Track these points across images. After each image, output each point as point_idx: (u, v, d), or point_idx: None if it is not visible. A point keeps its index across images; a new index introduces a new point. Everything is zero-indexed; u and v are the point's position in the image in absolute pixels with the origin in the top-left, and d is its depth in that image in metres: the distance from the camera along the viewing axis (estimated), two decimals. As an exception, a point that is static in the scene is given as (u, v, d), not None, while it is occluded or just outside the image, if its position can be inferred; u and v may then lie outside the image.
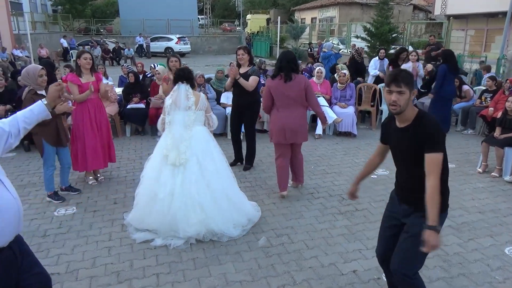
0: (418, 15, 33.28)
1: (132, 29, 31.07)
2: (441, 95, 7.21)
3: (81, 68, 4.82)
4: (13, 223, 1.94)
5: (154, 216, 3.79)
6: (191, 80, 4.02)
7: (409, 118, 2.33)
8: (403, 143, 2.37)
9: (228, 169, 4.11)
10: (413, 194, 2.37)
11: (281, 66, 4.50)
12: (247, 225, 4.00)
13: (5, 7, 21.26)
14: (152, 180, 3.88)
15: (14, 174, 5.59)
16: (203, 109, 4.02)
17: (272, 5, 43.93)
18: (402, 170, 2.50)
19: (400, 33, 16.04)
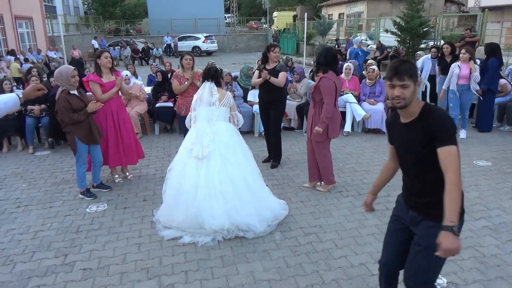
0: (450, 8, 32.19)
1: (160, 29, 31.61)
2: (491, 89, 7.07)
3: (102, 67, 4.90)
4: None
5: (181, 209, 3.84)
6: (216, 79, 4.12)
7: (414, 112, 2.11)
8: (409, 140, 2.15)
9: (252, 164, 4.12)
10: (421, 198, 2.18)
11: (328, 61, 4.52)
12: (273, 221, 3.98)
13: (40, 11, 22.04)
14: (178, 173, 3.98)
15: (49, 171, 5.78)
16: (227, 105, 4.06)
17: (298, 2, 43.55)
18: (409, 172, 2.26)
19: (431, 27, 15.54)
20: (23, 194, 5.01)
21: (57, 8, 30.10)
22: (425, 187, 2.14)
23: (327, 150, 4.80)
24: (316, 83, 4.60)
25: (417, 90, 2.11)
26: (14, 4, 18.69)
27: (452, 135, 2.03)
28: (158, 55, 23.62)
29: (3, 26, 18.02)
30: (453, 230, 1.90)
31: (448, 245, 1.89)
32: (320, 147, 4.73)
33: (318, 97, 4.57)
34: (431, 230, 2.08)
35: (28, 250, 3.70)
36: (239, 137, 4.15)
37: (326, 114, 4.49)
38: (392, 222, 2.46)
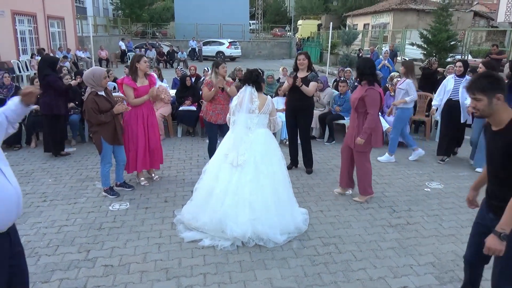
0: (478, 22, 31.64)
1: (186, 33, 32.08)
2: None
3: (139, 71, 5.00)
4: (12, 210, 2.09)
5: (208, 211, 3.89)
6: (258, 84, 4.07)
7: (502, 121, 2.24)
8: (494, 147, 2.30)
9: (285, 174, 4.10)
10: (500, 202, 2.26)
11: (373, 72, 4.62)
12: (293, 232, 3.97)
13: (71, 11, 22.70)
14: (211, 175, 4.02)
15: (74, 168, 5.93)
16: (267, 112, 4.04)
17: (324, 11, 43.58)
18: (491, 176, 2.40)
19: (459, 41, 15.29)
20: (49, 189, 5.16)
21: (88, 9, 30.93)
22: (503, 192, 2.25)
23: (368, 161, 4.82)
24: (362, 94, 4.56)
25: (495, 102, 2.22)
26: (48, 4, 19.30)
27: None
28: (182, 59, 23.95)
29: (36, 25, 18.62)
30: (500, 235, 2.13)
31: (490, 244, 2.15)
32: (362, 157, 4.76)
33: (363, 108, 4.58)
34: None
35: (52, 243, 3.81)
36: (275, 144, 4.12)
37: (370, 124, 4.53)
38: (474, 225, 2.65)
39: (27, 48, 18.05)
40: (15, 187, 2.12)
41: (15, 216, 2.13)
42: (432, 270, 3.42)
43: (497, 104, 2.23)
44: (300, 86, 5.32)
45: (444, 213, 4.59)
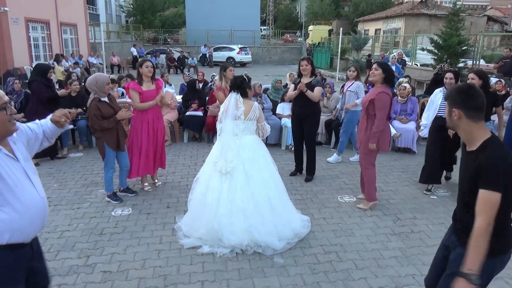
0: (492, 27, 31.23)
1: (197, 39, 32.32)
2: None
3: (143, 76, 5.04)
4: (38, 221, 2.06)
5: (203, 221, 3.86)
6: (242, 89, 4.03)
7: (474, 143, 2.07)
8: (464, 169, 2.14)
9: (277, 179, 4.08)
10: (462, 225, 2.14)
11: (389, 76, 4.55)
12: (293, 238, 3.92)
13: (84, 18, 23.08)
14: (202, 185, 4.01)
15: (80, 173, 5.98)
16: (253, 119, 4.01)
17: (335, 16, 43.52)
18: (459, 196, 2.24)
19: (470, 46, 15.09)
20: (54, 193, 5.20)
21: (101, 16, 31.41)
22: (467, 217, 2.08)
23: (372, 165, 4.77)
24: (373, 96, 4.51)
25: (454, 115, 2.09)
26: (61, 11, 19.65)
27: (497, 180, 1.92)
28: (193, 65, 24.12)
29: (49, 32, 18.96)
30: (468, 277, 1.90)
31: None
32: (366, 160, 4.72)
33: (373, 111, 4.54)
34: (460, 257, 2.05)
35: (53, 249, 3.82)
36: (264, 150, 4.09)
37: (377, 128, 4.49)
38: (440, 245, 2.45)
39: (40, 55, 18.37)
40: (42, 198, 2.09)
41: (39, 227, 2.11)
42: (435, 281, 3.33)
43: (455, 119, 2.08)
44: (305, 91, 5.28)
45: (449, 221, 4.46)
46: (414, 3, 29.82)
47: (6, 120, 1.93)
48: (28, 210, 1.97)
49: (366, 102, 4.57)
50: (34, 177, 2.08)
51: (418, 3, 29.87)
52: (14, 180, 1.93)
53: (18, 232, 1.95)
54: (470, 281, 1.89)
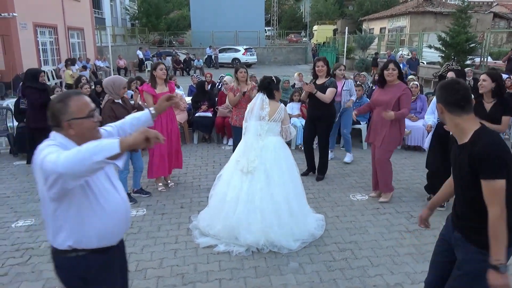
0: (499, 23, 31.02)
1: (202, 41, 32.44)
2: None
3: (157, 79, 5.10)
4: (123, 224, 2.09)
5: (221, 218, 3.91)
6: (269, 90, 4.07)
7: (465, 135, 2.06)
8: (460, 164, 2.10)
9: (297, 182, 4.09)
10: (466, 222, 2.12)
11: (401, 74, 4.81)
12: (307, 239, 3.95)
13: (90, 22, 23.27)
14: (224, 182, 4.06)
15: (93, 175, 6.04)
16: (278, 120, 4.02)
17: (339, 16, 43.46)
18: (458, 193, 2.21)
19: (478, 43, 15.02)
20: (69, 195, 5.26)
21: (106, 19, 31.63)
22: (472, 212, 2.08)
23: (389, 158, 4.93)
24: (400, 93, 4.62)
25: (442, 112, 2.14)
26: (68, 16, 19.83)
27: (498, 167, 1.93)
28: (199, 66, 24.21)
29: (57, 36, 19.14)
30: (497, 268, 1.91)
31: (494, 282, 1.92)
32: (386, 156, 4.86)
33: (396, 108, 4.64)
34: (473, 256, 2.04)
35: (71, 249, 3.88)
36: (287, 152, 4.09)
37: (402, 116, 4.66)
38: (438, 242, 2.41)
39: (48, 59, 18.55)
40: (125, 200, 2.10)
41: (125, 229, 2.14)
42: (451, 277, 3.34)
43: (440, 113, 2.16)
44: (314, 93, 5.29)
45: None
46: (419, 1, 29.69)
47: (93, 127, 1.95)
48: (114, 215, 1.99)
49: (393, 99, 4.61)
50: (116, 181, 2.09)
51: (423, 1, 29.74)
52: (100, 186, 1.95)
53: (105, 236, 1.98)
54: (501, 271, 1.91)
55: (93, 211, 1.91)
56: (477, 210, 2.03)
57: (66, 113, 1.86)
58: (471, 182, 2.02)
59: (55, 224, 1.90)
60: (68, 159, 1.62)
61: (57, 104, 1.89)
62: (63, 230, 1.89)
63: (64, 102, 1.88)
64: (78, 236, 1.90)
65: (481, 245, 2.01)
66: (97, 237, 1.94)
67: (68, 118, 1.86)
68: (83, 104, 1.90)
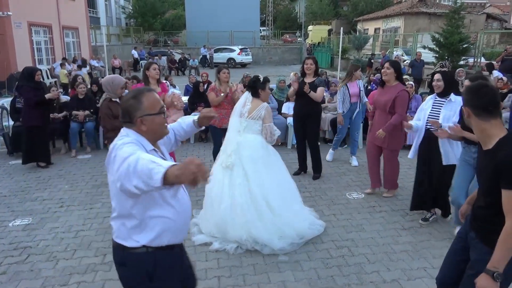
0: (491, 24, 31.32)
1: (197, 41, 32.40)
2: None
3: (149, 78, 5.10)
4: (189, 221, 2.12)
5: (211, 215, 3.98)
6: (253, 89, 4.13)
7: (489, 141, 2.05)
8: (483, 168, 2.11)
9: (281, 181, 4.05)
10: (483, 224, 2.14)
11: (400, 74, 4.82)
12: (295, 240, 3.85)
13: (85, 22, 23.18)
14: (212, 180, 4.08)
15: (89, 174, 6.05)
16: (257, 118, 4.01)
17: (334, 16, 43.62)
18: (479, 195, 2.23)
19: (471, 44, 15.17)
20: (66, 195, 5.27)
21: (101, 19, 31.52)
22: (488, 215, 2.10)
23: (397, 157, 5.10)
24: (395, 94, 4.67)
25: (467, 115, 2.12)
26: (63, 15, 19.76)
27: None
28: (194, 66, 24.20)
29: (51, 36, 19.05)
30: (493, 275, 1.92)
31: (482, 285, 1.93)
32: (394, 154, 5.02)
33: (393, 108, 4.72)
34: (485, 256, 2.04)
35: (70, 248, 3.90)
36: (265, 151, 4.03)
37: (395, 122, 4.69)
38: (455, 240, 2.43)
39: (42, 58, 18.46)
40: (189, 199, 2.12)
41: (189, 226, 2.16)
42: (446, 273, 3.40)
43: (467, 118, 2.14)
44: (308, 92, 5.34)
45: (457, 215, 4.55)
46: (413, 2, 29.94)
47: (163, 123, 1.97)
48: (184, 214, 2.02)
49: (389, 101, 4.67)
50: None
51: (417, 2, 29.98)
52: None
53: (176, 233, 2.00)
54: (494, 279, 1.91)
55: (167, 210, 1.93)
56: (494, 214, 2.03)
57: (139, 109, 1.88)
58: (491, 188, 2.02)
59: (129, 222, 1.91)
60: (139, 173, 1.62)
61: (130, 101, 1.91)
62: (137, 228, 1.90)
63: (137, 98, 1.90)
64: (151, 234, 1.90)
65: (495, 246, 2.01)
66: (169, 236, 1.95)
67: (141, 114, 1.88)
68: (155, 100, 1.92)
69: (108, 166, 1.86)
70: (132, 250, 1.92)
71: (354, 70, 6.42)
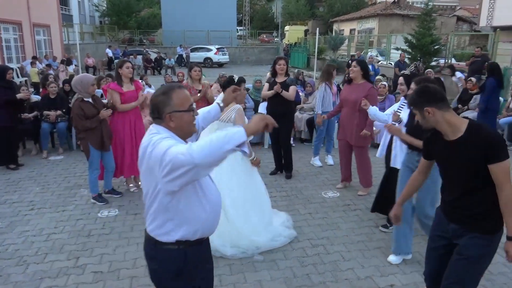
0: (462, 26, 32.27)
1: (173, 40, 32.08)
2: (489, 109, 7.01)
3: (122, 77, 5.02)
4: (219, 215, 2.09)
5: None
6: (226, 89, 4.02)
7: (458, 130, 2.16)
8: (456, 157, 2.19)
9: (242, 189, 3.88)
10: (466, 211, 2.22)
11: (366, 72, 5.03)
12: (248, 250, 3.68)
13: (57, 19, 22.56)
14: None
15: (62, 176, 5.90)
16: (226, 121, 3.83)
17: (310, 17, 43.99)
18: (455, 187, 2.29)
19: (442, 45, 15.59)
20: (37, 197, 5.12)
21: (74, 17, 30.77)
22: (474, 201, 2.20)
23: (368, 154, 5.22)
24: (366, 92, 4.79)
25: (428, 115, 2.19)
26: (33, 12, 19.16)
27: (502, 150, 2.10)
28: (170, 65, 23.95)
29: (21, 33, 18.44)
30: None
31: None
32: (363, 151, 5.17)
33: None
34: (473, 240, 2.17)
35: (41, 251, 3.79)
36: (232, 156, 3.59)
37: (371, 124, 4.88)
38: (431, 240, 2.53)
39: (12, 57, 17.86)
40: (218, 191, 2.11)
41: (219, 219, 2.13)
42: (418, 268, 3.48)
43: (431, 117, 2.18)
44: (280, 92, 5.42)
45: (429, 213, 4.67)
46: (387, 4, 30.49)
47: (191, 120, 1.96)
48: (215, 207, 2.02)
49: (359, 99, 4.73)
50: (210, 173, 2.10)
51: (391, 4, 30.56)
52: (204, 178, 1.97)
53: (208, 227, 2.01)
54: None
55: (200, 203, 1.94)
56: (479, 198, 2.15)
57: (169, 105, 1.88)
58: (475, 172, 2.13)
59: (164, 217, 1.90)
60: (203, 150, 1.64)
61: (160, 96, 1.91)
62: (172, 223, 1.90)
63: (167, 94, 1.90)
64: (186, 228, 1.92)
65: (484, 230, 2.18)
66: (201, 230, 1.97)
67: (170, 110, 1.88)
68: (185, 97, 1.93)
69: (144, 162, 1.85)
70: (164, 245, 1.93)
71: (333, 69, 6.50)
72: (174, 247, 1.92)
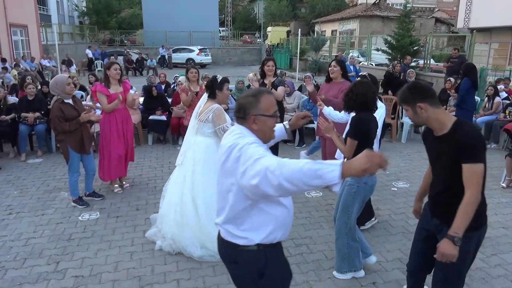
0: (440, 28, 32.98)
1: (155, 41, 31.78)
2: (464, 108, 7.13)
3: (110, 78, 4.96)
4: (292, 217, 2.10)
5: None
6: (210, 89, 3.84)
7: (444, 126, 2.22)
8: (440, 153, 2.27)
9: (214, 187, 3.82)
10: (445, 208, 2.28)
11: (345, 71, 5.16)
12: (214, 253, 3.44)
13: (35, 19, 22.08)
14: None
15: (41, 179, 5.78)
16: (204, 121, 3.75)
17: (292, 18, 44.21)
18: (437, 182, 2.38)
19: (421, 46, 15.91)
20: (15, 201, 5.00)
21: (52, 17, 30.18)
22: (451, 197, 2.24)
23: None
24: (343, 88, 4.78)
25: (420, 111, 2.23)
26: (10, 12, 18.72)
27: (478, 152, 2.12)
28: (152, 66, 23.72)
29: (-3, 34, 18.03)
30: (453, 240, 2.12)
31: (444, 250, 2.13)
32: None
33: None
34: None
35: (19, 257, 3.70)
36: (209, 156, 3.72)
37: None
38: (417, 232, 2.61)
39: (-12, 57, 17.41)
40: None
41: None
42: (399, 266, 3.55)
43: (423, 113, 2.23)
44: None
45: (410, 211, 4.71)
46: (368, 5, 30.92)
47: (273, 127, 1.98)
48: (291, 210, 2.03)
49: (336, 95, 4.84)
50: None
51: (372, 5, 31.00)
52: None
53: (286, 230, 2.03)
54: (455, 243, 2.11)
55: (280, 207, 1.95)
56: (456, 196, 2.18)
57: (255, 107, 1.91)
58: (452, 170, 2.18)
59: (245, 220, 1.91)
60: (292, 175, 1.61)
61: (249, 98, 1.94)
62: (251, 226, 1.91)
63: (256, 97, 1.93)
64: (265, 232, 1.92)
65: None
66: (280, 233, 1.98)
67: (256, 113, 1.90)
68: (271, 103, 1.95)
69: (225, 165, 1.86)
70: (244, 248, 1.94)
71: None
72: (254, 248, 1.93)
